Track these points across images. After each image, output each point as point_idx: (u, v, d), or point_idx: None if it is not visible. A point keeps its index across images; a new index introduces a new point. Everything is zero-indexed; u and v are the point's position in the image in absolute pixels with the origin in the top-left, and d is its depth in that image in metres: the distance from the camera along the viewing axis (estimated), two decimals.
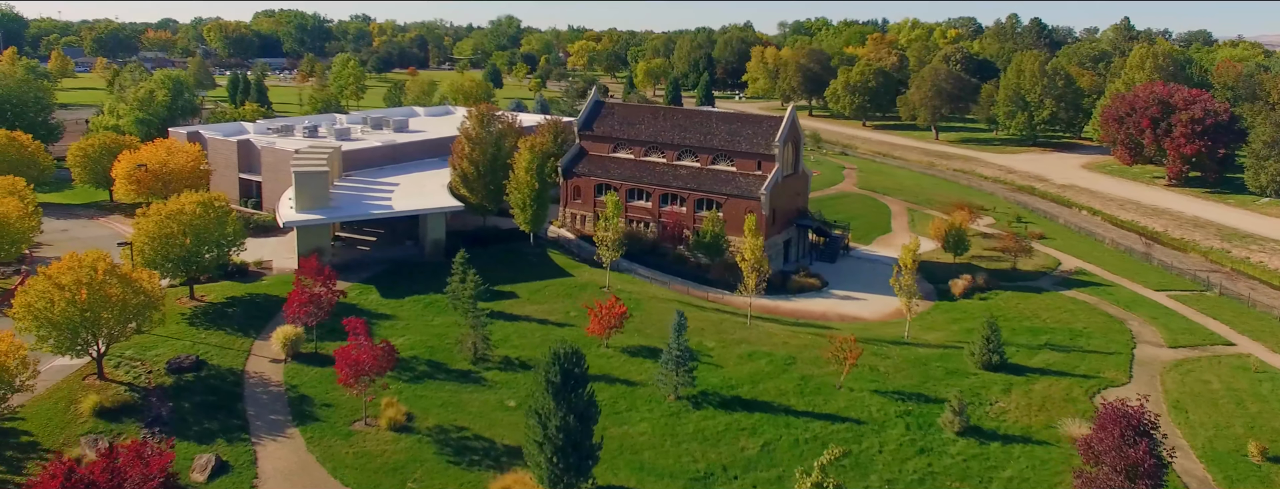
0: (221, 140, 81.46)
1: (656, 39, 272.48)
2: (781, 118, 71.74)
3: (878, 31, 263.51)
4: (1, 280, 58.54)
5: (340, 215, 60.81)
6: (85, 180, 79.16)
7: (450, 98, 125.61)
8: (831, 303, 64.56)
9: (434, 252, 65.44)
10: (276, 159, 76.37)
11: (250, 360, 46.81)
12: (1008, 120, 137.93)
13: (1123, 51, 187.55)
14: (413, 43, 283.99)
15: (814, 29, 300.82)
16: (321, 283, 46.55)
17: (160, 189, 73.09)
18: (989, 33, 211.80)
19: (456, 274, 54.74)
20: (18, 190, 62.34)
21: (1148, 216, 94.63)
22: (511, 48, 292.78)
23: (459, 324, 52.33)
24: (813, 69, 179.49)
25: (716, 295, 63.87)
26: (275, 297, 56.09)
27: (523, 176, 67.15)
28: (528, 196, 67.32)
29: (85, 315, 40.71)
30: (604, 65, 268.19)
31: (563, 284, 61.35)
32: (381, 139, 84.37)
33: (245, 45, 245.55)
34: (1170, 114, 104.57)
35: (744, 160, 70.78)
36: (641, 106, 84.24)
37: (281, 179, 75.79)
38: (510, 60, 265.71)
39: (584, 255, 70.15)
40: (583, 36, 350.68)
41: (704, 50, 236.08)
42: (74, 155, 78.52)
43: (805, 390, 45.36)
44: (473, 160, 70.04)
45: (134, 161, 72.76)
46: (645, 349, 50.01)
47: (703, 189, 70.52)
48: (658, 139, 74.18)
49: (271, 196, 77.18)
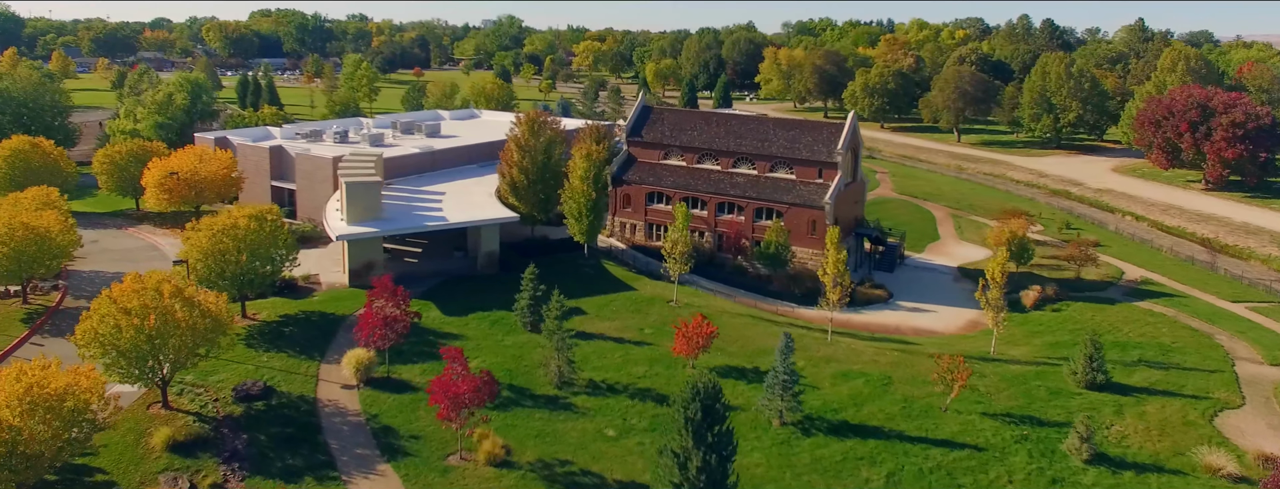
0: (252, 146, 78.50)
1: (663, 39, 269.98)
2: (842, 124, 69.55)
3: (886, 32, 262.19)
4: (41, 296, 55.51)
5: (394, 228, 58.11)
6: (112, 188, 76.03)
7: (472, 100, 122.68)
8: (901, 315, 62.42)
9: (488, 264, 62.87)
10: (312, 166, 73.56)
11: (320, 386, 44.13)
12: (1033, 123, 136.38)
13: (1138, 53, 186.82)
14: (413, 43, 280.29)
15: (818, 29, 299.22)
16: (395, 304, 43.89)
17: (192, 198, 70.28)
18: (1001, 34, 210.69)
19: (526, 290, 52.32)
20: (52, 201, 59.29)
21: (1194, 222, 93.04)
22: (515, 48, 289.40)
23: (534, 344, 49.93)
24: (828, 70, 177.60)
25: (785, 308, 61.63)
26: (330, 314, 53.46)
27: (579, 185, 64.69)
28: (584, 206, 64.86)
29: (155, 343, 37.95)
30: (610, 66, 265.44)
31: (628, 299, 58.91)
32: (417, 145, 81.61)
33: (245, 45, 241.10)
34: (1209, 117, 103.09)
35: (804, 168, 68.54)
36: (692, 112, 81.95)
37: (317, 187, 73.07)
38: (516, 61, 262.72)
39: (640, 267, 67.76)
40: (584, 37, 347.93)
41: (712, 51, 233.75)
42: (100, 163, 75.40)
43: (911, 413, 43.16)
44: (523, 168, 67.49)
45: (164, 169, 69.82)
46: (733, 370, 47.72)
47: (763, 198, 68.20)
48: (712, 146, 71.83)
49: (306, 205, 74.38)
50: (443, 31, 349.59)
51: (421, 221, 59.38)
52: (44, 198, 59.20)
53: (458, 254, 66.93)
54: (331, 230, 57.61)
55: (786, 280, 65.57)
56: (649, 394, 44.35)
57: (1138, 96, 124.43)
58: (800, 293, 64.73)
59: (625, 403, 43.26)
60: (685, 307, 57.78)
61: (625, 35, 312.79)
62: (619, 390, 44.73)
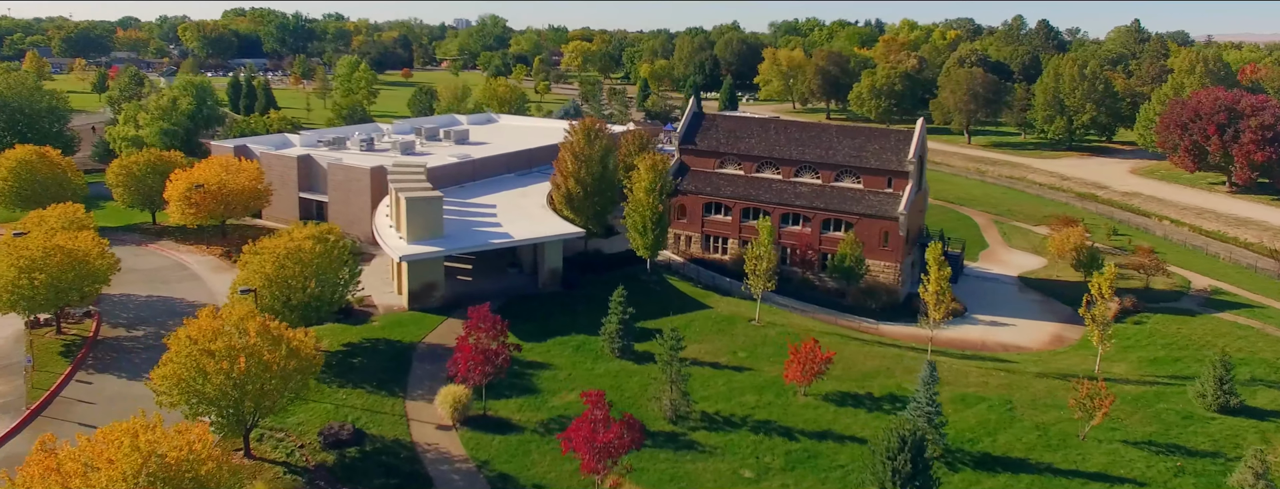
0: (276, 156, 73.86)
1: (653, 39, 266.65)
2: (910, 132, 67.07)
3: (876, 33, 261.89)
4: (73, 325, 50.68)
5: (459, 246, 54.20)
6: (130, 201, 70.80)
7: (485, 103, 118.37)
8: (982, 330, 60.07)
9: (551, 282, 59.21)
10: (346, 177, 69.20)
11: (413, 428, 40.29)
12: (1046, 125, 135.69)
13: (1134, 54, 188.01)
14: (396, 43, 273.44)
15: (805, 30, 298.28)
16: (493, 335, 40.17)
17: (220, 212, 65.54)
18: (998, 35, 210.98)
19: (614, 313, 48.88)
20: (80, 220, 54.36)
21: (1233, 226, 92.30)
22: (499, 49, 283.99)
23: (627, 373, 46.59)
24: (831, 72, 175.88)
25: (867, 325, 58.92)
26: (396, 342, 49.53)
27: (643, 197, 61.31)
28: (649, 219, 61.51)
29: (246, 389, 33.88)
30: (599, 66, 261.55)
31: (707, 318, 55.69)
32: (453, 153, 77.47)
33: (224, 45, 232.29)
34: (1237, 120, 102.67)
35: (872, 177, 65.87)
36: (748, 118, 79.01)
37: (352, 199, 68.78)
38: (505, 61, 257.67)
39: (705, 281, 64.61)
40: (567, 36, 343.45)
41: (705, 51, 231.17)
42: (116, 174, 70.13)
43: (1049, 442, 40.61)
44: (580, 179, 63.92)
45: (188, 181, 64.96)
46: (847, 396, 44.79)
47: (832, 208, 65.40)
48: (772, 154, 68.88)
49: (338, 218, 69.91)
50: (420, 31, 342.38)
51: (486, 238, 55.53)
52: (71, 216, 54.25)
53: (512, 271, 63.18)
54: (391, 249, 53.51)
55: (860, 295, 62.89)
56: (771, 427, 41.23)
57: (1155, 98, 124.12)
58: (877, 307, 62.14)
59: (750, 438, 40.09)
60: (769, 326, 54.79)
61: (613, 35, 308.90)
62: (737, 423, 41.54)
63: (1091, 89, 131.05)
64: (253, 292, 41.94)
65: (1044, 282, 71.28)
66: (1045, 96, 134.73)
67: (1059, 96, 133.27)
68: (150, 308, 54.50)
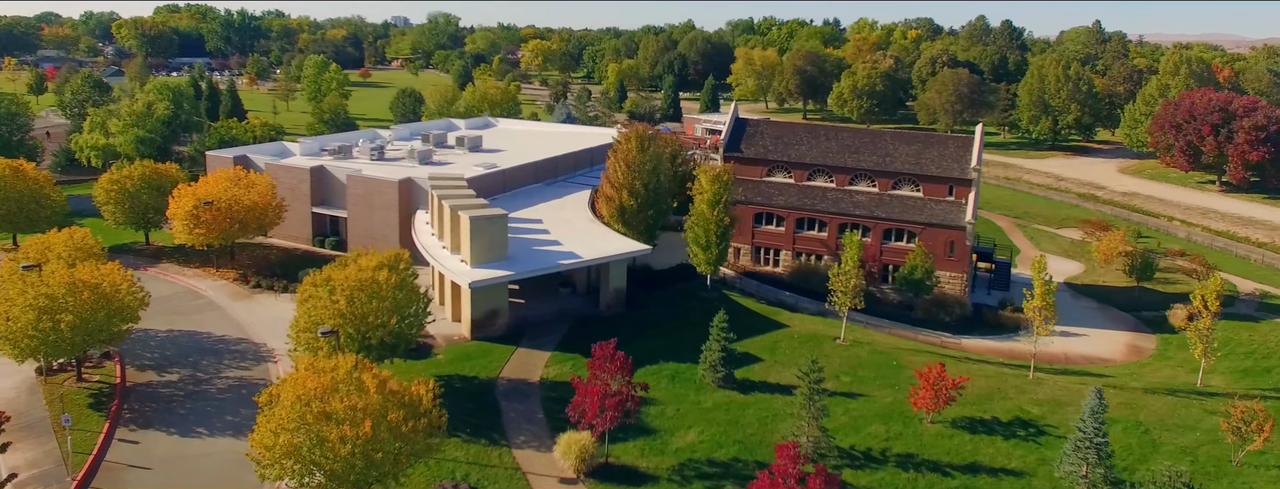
0: (286, 167, 67.54)
1: (616, 39, 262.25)
2: (969, 138, 65.08)
3: (836, 31, 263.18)
4: (93, 369, 44.23)
5: (527, 269, 49.51)
6: (122, 220, 63.54)
7: (477, 106, 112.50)
8: (1061, 342, 58.27)
9: (615, 303, 55.03)
10: (368, 190, 63.55)
11: (533, 482, 35.81)
12: (1032, 125, 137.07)
13: (1097, 54, 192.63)
14: (346, 41, 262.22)
15: (763, 29, 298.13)
16: (618, 374, 36.00)
17: (232, 231, 59.22)
18: (963, 34, 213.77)
19: (716, 339, 45.09)
20: (88, 247, 47.72)
21: (1241, 226, 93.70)
22: (453, 48, 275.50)
23: (738, 405, 42.96)
24: (809, 72, 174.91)
25: (948, 340, 56.64)
26: (472, 379, 44.86)
27: (706, 211, 57.66)
28: (713, 233, 57.88)
29: (372, 457, 28.99)
30: (559, 65, 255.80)
31: (789, 339, 52.39)
32: (475, 161, 72.26)
33: (164, 43, 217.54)
34: (1230, 121, 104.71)
35: (933, 185, 63.62)
36: (794, 125, 76.16)
37: (376, 215, 63.22)
38: (465, 62, 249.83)
39: (767, 296, 61.38)
40: (517, 35, 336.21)
41: (669, 51, 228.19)
42: (106, 189, 62.78)
43: (1206, 471, 38.57)
44: (634, 191, 59.84)
45: (194, 197, 58.42)
46: (975, 422, 42.05)
47: (894, 218, 62.88)
48: (826, 162, 66.03)
49: (359, 236, 64.36)
50: (366, 30, 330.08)
51: (552, 260, 50.97)
52: (79, 243, 47.55)
53: (565, 291, 58.69)
54: (455, 275, 48.47)
55: (931, 307, 60.55)
56: (917, 462, 38.15)
57: (1140, 99, 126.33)
58: (950, 320, 59.92)
59: (901, 476, 36.92)
60: (856, 345, 51.88)
61: (572, 34, 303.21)
62: (878, 459, 38.35)
63: (1075, 89, 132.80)
64: (335, 333, 36.74)
65: (1093, 288, 70.31)
66: (1030, 97, 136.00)
67: (1044, 97, 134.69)
68: (175, 345, 48.29)
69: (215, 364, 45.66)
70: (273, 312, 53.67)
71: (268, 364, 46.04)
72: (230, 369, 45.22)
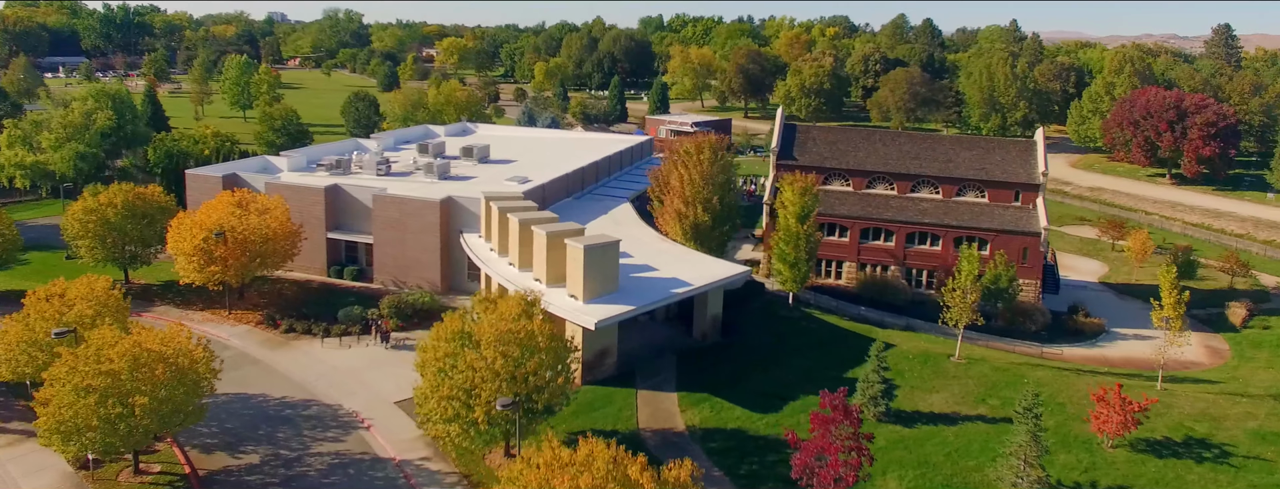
0: (296, 188, 58.76)
1: (536, 37, 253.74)
2: (1032, 142, 64.06)
3: (754, 29, 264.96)
4: (147, 457, 35.57)
5: (644, 302, 43.90)
6: (102, 257, 53.14)
7: (440, 109, 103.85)
8: (1143, 346, 57.87)
9: (712, 332, 50.25)
10: (401, 212, 56.04)
11: None
12: (982, 121, 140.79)
13: (1013, 53, 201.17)
14: (239, 39, 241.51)
15: (676, 26, 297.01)
16: (846, 419, 31.49)
17: (251, 267, 50.57)
18: (885, 32, 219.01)
19: (872, 370, 41.23)
20: (111, 302, 38.66)
21: (1214, 219, 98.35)
22: (358, 46, 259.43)
23: (915, 441, 39.32)
24: (752, 70, 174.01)
25: (1051, 351, 55.02)
26: (613, 433, 39.14)
27: (794, 225, 53.77)
28: (801, 250, 54.05)
29: None
30: (475, 64, 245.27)
31: (902, 358, 49.27)
32: (503, 175, 65.34)
33: (32, 41, 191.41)
34: (1184, 118, 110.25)
35: (998, 191, 62.20)
36: (847, 129, 73.29)
37: (409, 239, 55.87)
38: (367, 59, 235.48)
39: (846, 313, 58.08)
40: (419, 32, 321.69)
41: (592, 50, 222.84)
42: (78, 221, 52.21)
43: None
44: (710, 206, 55.23)
45: (200, 227, 49.39)
46: (1152, 444, 40.09)
47: (965, 225, 60.91)
48: (887, 168, 63.42)
49: (388, 264, 56.83)
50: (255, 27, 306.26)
51: (664, 289, 45.54)
52: (98, 294, 38.41)
53: (643, 319, 53.22)
54: (567, 313, 42.25)
55: (1013, 316, 58.92)
56: None
57: (1086, 96, 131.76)
58: (1035, 329, 58.48)
59: None
60: (972, 363, 49.33)
61: (485, 32, 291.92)
62: None
63: (1023, 87, 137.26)
64: (515, 403, 30.42)
65: (1131, 287, 71.01)
66: (980, 94, 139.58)
67: (994, 94, 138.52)
68: (233, 414, 39.88)
69: (295, 437, 37.86)
70: (325, 361, 45.77)
71: (359, 432, 38.63)
72: (318, 442, 37.57)
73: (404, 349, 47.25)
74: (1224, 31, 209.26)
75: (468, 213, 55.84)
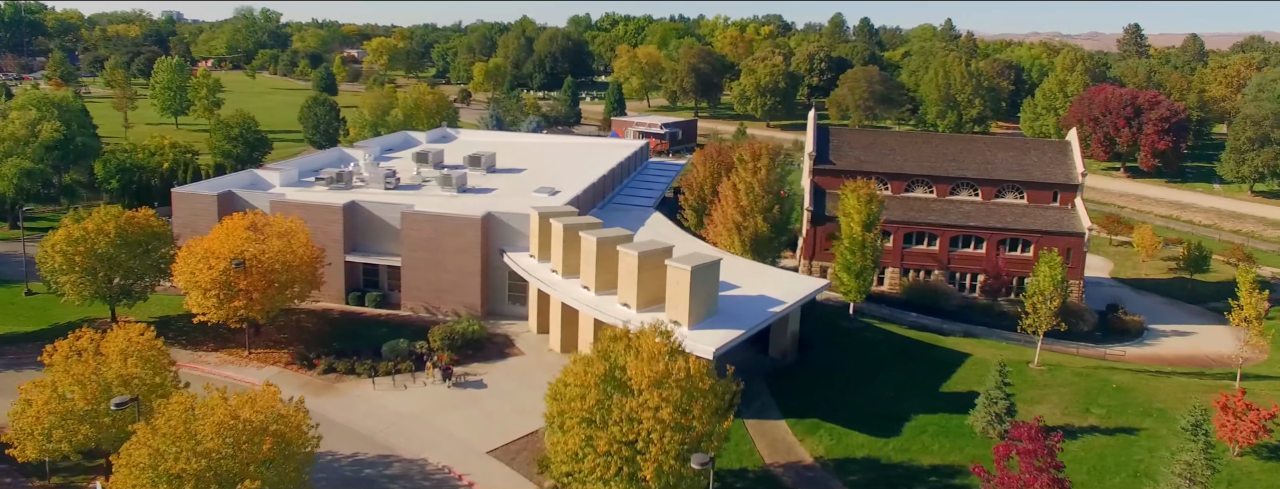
0: (309, 206, 52.63)
1: (469, 36, 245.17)
2: (1067, 143, 63.91)
3: (689, 28, 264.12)
4: None
5: (754, 323, 40.59)
6: (89, 294, 45.89)
7: (411, 114, 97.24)
8: (1182, 342, 58.51)
9: (790, 349, 47.48)
10: (438, 231, 51.01)
11: None
12: (939, 119, 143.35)
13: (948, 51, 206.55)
14: (146, 39, 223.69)
15: (605, 25, 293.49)
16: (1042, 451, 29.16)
17: (279, 300, 44.71)
18: (826, 31, 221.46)
19: (997, 388, 39.33)
20: (157, 352, 32.66)
21: (1177, 210, 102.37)
22: (278, 46, 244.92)
23: None
24: (704, 70, 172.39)
25: (1113, 352, 54.91)
26: (743, 472, 36.10)
27: (858, 233, 51.59)
28: (867, 258, 51.94)
29: None
30: (405, 65, 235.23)
31: (985, 368, 47.66)
32: (529, 186, 60.66)
33: None
34: (1140, 114, 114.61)
35: (1037, 192, 61.80)
36: (881, 132, 71.98)
37: (447, 261, 51.08)
38: (292, 61, 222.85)
39: (903, 321, 56.57)
40: (339, 33, 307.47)
41: (527, 50, 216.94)
42: (59, 252, 44.70)
43: None
44: (769, 217, 52.46)
45: (214, 256, 43.19)
46: (1275, 450, 39.54)
47: (1010, 228, 60.18)
48: (926, 171, 62.14)
49: (420, 289, 51.70)
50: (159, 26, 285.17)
51: (761, 309, 42.32)
52: (141, 347, 32.37)
53: None
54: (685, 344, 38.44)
55: (1064, 317, 58.27)
56: None
57: (1039, 94, 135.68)
58: (1087, 330, 58.23)
59: None
60: (1053, 370, 48.37)
61: (413, 32, 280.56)
62: None
63: (978, 85, 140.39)
64: (711, 458, 26.70)
65: (1145, 282, 72.26)
66: (938, 92, 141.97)
67: (950, 92, 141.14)
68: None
69: None
70: (385, 407, 40.52)
71: None
72: None
73: (468, 386, 42.47)
74: (1134, 31, 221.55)
75: (509, 230, 51.18)
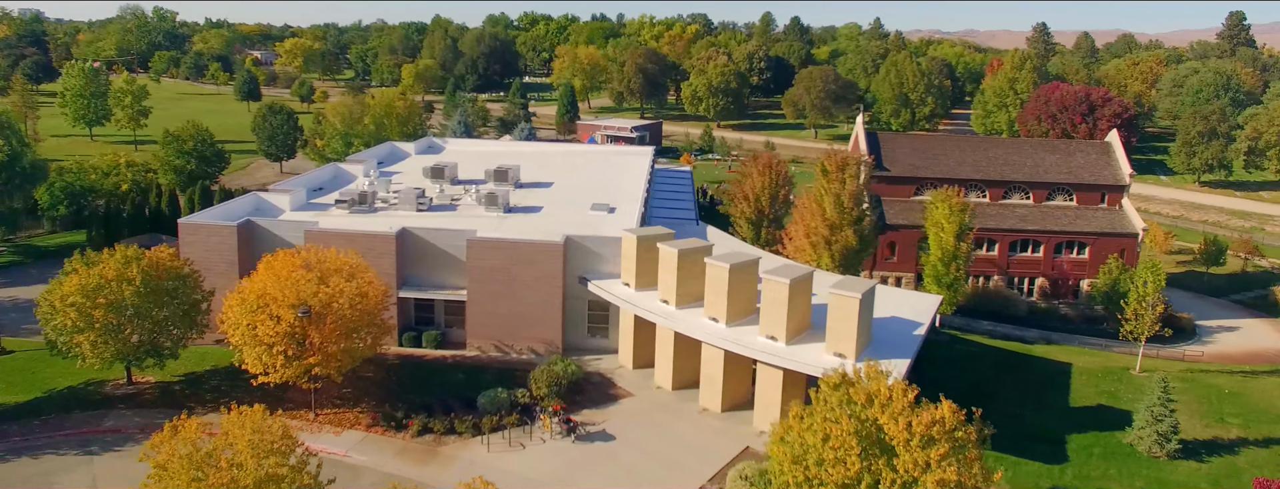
0: (356, 236, 45.98)
1: (389, 35, 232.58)
2: (1105, 144, 64.19)
3: (615, 28, 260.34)
4: None
5: (911, 351, 37.56)
6: (110, 357, 38.17)
7: (374, 122, 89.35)
8: (1240, 338, 59.64)
9: (910, 369, 44.73)
10: (510, 259, 45.69)
11: None
12: (893, 117, 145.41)
13: (883, 51, 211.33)
14: (21, 40, 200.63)
15: (525, 24, 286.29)
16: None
17: (357, 352, 38.66)
18: (756, 30, 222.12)
19: (1161, 405, 37.90)
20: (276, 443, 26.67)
21: (1145, 203, 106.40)
22: (174, 48, 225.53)
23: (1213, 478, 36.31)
24: (650, 70, 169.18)
25: (1190, 351, 55.07)
26: None
27: (951, 244, 49.66)
28: (959, 270, 50.08)
29: None
30: (321, 67, 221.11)
31: (1095, 377, 46.90)
32: (574, 201, 55.71)
33: None
34: (1094, 110, 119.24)
35: (1085, 193, 61.72)
36: (929, 137, 70.05)
37: (524, 293, 46.02)
38: (196, 63, 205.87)
39: (979, 329, 55.05)
40: (239, 33, 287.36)
41: (453, 51, 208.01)
42: (76, 310, 36.90)
43: None
44: (860, 229, 49.78)
45: (274, 302, 36.77)
46: None
47: (1066, 230, 59.77)
48: (981, 176, 61.10)
49: (488, 325, 46.09)
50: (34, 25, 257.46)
51: (907, 332, 39.39)
52: (272, 439, 26.30)
53: None
54: None
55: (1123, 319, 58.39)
56: None
57: (990, 91, 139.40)
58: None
59: None
60: (1150, 373, 47.70)
61: (325, 32, 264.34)
62: None
63: (930, 84, 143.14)
64: None
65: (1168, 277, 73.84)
66: (892, 91, 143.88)
67: (904, 91, 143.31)
68: None
69: None
70: (513, 473, 34.93)
71: None
72: None
73: (593, 440, 37.56)
74: (1041, 29, 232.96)
75: (590, 255, 46.34)
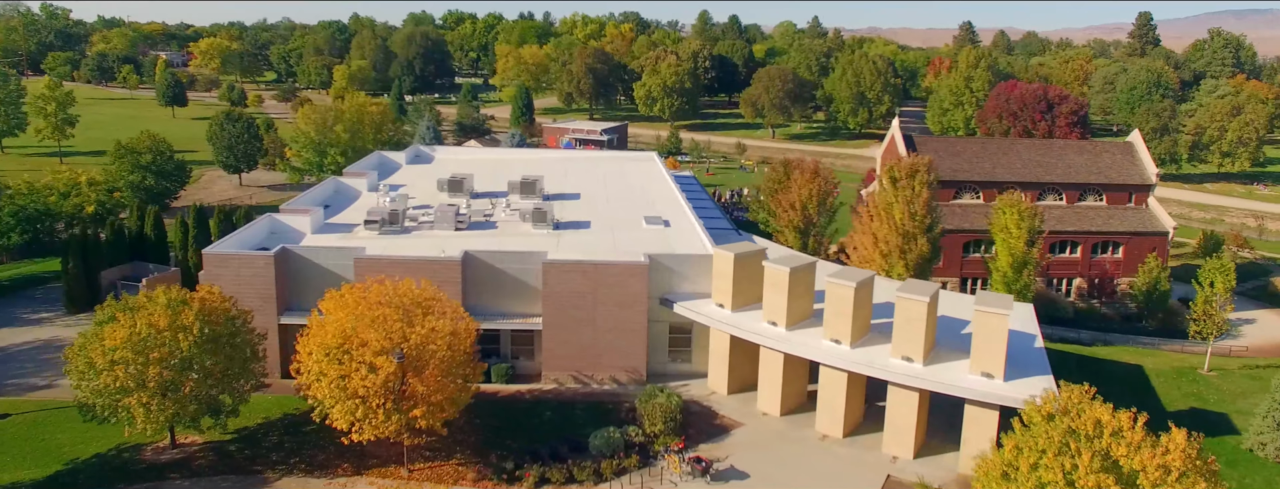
0: (421, 263, 41.17)
1: (314, 36, 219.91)
2: (1127, 144, 64.96)
3: (547, 27, 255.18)
4: None
5: (1046, 368, 35.93)
6: (163, 420, 32.49)
7: (347, 129, 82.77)
8: (1263, 331, 61.07)
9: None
10: (593, 283, 42.06)
11: None
12: (851, 116, 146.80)
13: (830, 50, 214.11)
14: None
15: (450, 23, 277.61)
16: None
17: (457, 399, 34.48)
18: (695, 29, 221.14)
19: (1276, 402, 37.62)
20: None
21: None
22: (69, 49, 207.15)
23: None
24: (600, 70, 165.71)
25: (1237, 347, 55.65)
26: None
27: (1021, 250, 48.86)
28: (1030, 276, 49.33)
29: None
30: (241, 68, 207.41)
31: (1173, 378, 46.93)
32: (622, 215, 52.17)
33: None
34: (1053, 108, 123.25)
35: (1115, 193, 62.38)
36: (960, 140, 69.37)
37: (608, 319, 42.64)
38: (100, 65, 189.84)
39: None
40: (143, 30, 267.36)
41: (384, 52, 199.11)
42: (122, 370, 31.16)
43: None
44: (933, 238, 48.32)
45: (359, 348, 32.27)
46: None
47: (1102, 231, 60.17)
48: (1017, 178, 60.89)
49: (566, 356, 42.37)
50: None
51: (1027, 346, 37.84)
52: None
53: None
54: (1009, 402, 33.03)
55: (1166, 317, 59.19)
56: None
57: (945, 89, 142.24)
58: (1181, 331, 59.23)
59: None
60: (1224, 375, 48.34)
61: (243, 31, 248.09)
62: None
63: (886, 83, 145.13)
64: None
65: None
66: (849, 90, 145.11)
67: (861, 90, 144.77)
68: None
69: None
70: None
71: None
72: None
73: (729, 479, 34.44)
74: (968, 28, 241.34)
75: (671, 275, 43.08)
